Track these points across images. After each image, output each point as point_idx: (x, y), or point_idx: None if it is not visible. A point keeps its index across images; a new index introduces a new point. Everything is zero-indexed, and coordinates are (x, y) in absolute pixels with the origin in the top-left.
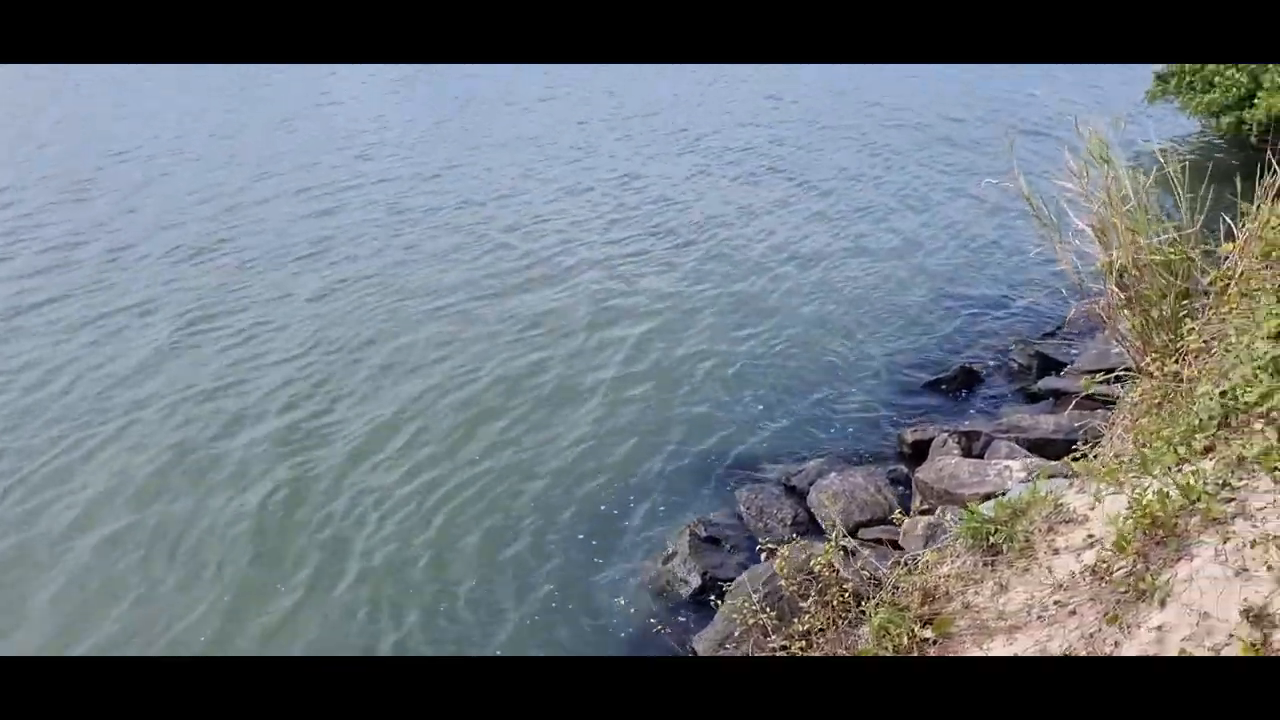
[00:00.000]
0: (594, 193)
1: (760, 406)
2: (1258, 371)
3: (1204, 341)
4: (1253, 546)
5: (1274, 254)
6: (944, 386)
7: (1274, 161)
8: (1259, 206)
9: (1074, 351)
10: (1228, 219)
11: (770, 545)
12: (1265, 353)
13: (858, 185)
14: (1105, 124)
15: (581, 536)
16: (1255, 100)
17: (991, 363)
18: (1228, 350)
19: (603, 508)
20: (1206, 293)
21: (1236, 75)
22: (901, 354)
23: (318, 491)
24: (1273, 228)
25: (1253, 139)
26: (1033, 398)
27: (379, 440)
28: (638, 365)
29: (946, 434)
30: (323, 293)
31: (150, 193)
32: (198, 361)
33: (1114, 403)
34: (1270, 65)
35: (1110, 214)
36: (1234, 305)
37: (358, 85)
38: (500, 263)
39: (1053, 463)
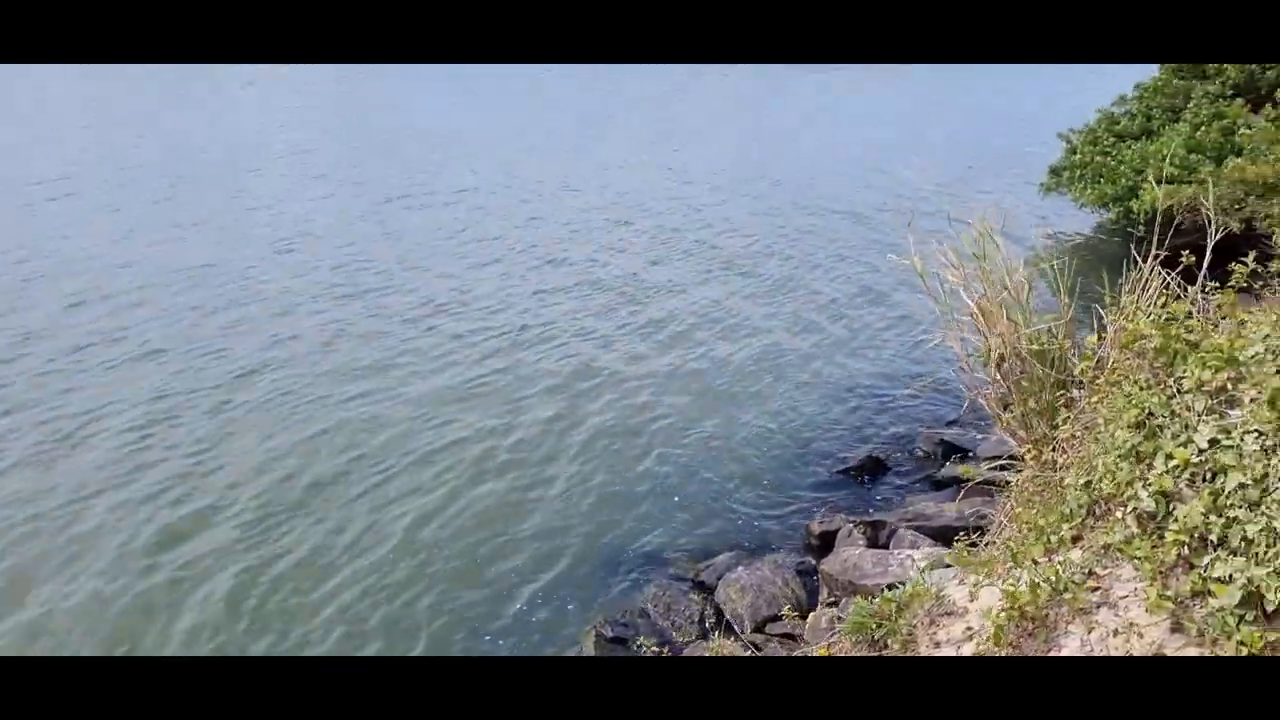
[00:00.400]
0: (495, 274)
1: (669, 499)
2: (1119, 460)
3: (1076, 431)
4: (1115, 635)
5: (1135, 344)
6: (852, 475)
7: (1136, 254)
8: (1123, 297)
9: (979, 437)
10: (1099, 309)
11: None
12: (1125, 441)
13: (764, 268)
14: (1000, 211)
15: (488, 637)
16: (1139, 193)
17: (898, 450)
18: (1096, 440)
19: (506, 607)
20: (1081, 383)
21: (1123, 169)
22: (811, 443)
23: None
24: (1136, 319)
25: (1140, 229)
26: (938, 485)
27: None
28: (538, 458)
29: (852, 524)
30: (243, 401)
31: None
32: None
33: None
34: (1152, 161)
35: (990, 303)
36: (1102, 395)
37: (278, 182)
38: (390, 353)
39: (946, 551)
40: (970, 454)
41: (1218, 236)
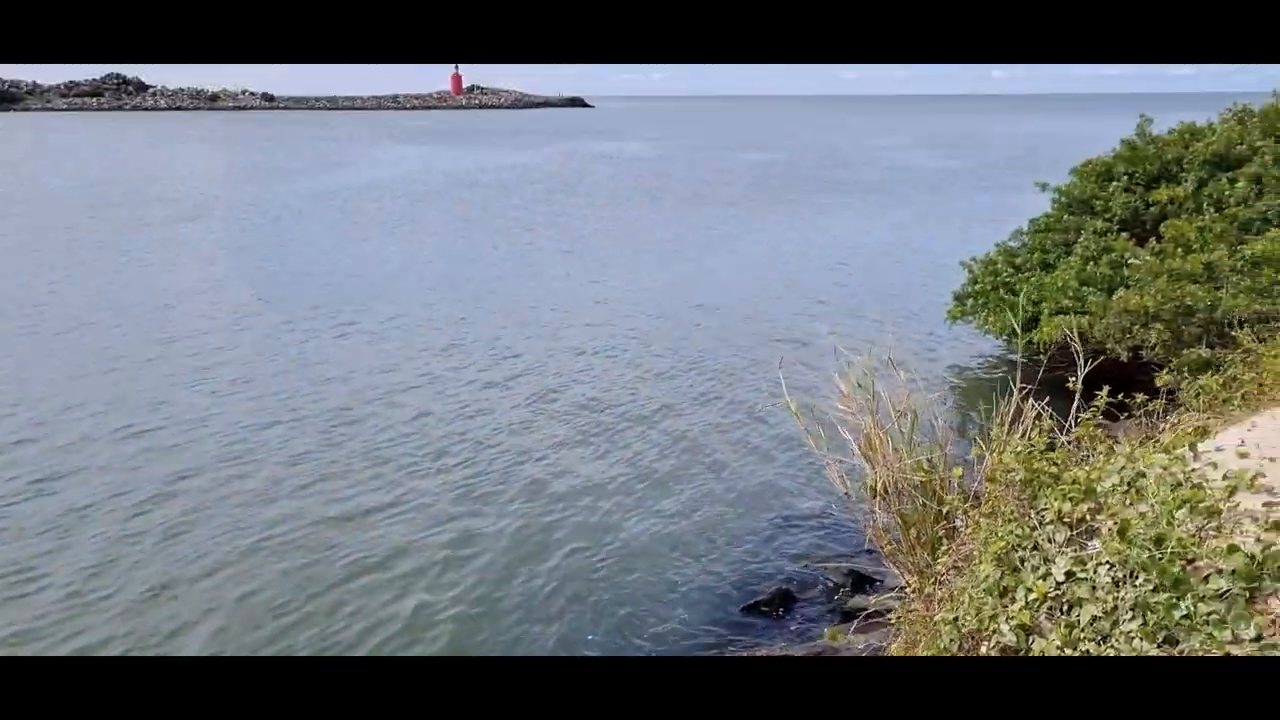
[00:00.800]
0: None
1: (579, 638)
2: (985, 594)
3: (954, 563)
4: None
5: (1007, 476)
6: (763, 609)
7: (1012, 385)
8: (994, 429)
9: (885, 567)
10: (980, 440)
11: None
12: (988, 575)
13: (662, 404)
14: (898, 341)
15: None
16: (1038, 323)
17: (808, 581)
18: (968, 572)
19: None
20: (965, 513)
21: (1021, 300)
22: (721, 577)
23: None
24: (1010, 451)
25: (1042, 359)
26: (846, 616)
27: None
28: (431, 606)
29: None
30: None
31: None
32: None
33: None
34: (1048, 294)
35: (875, 434)
36: (975, 527)
37: (204, 313)
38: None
39: None
40: (878, 583)
41: (1088, 366)
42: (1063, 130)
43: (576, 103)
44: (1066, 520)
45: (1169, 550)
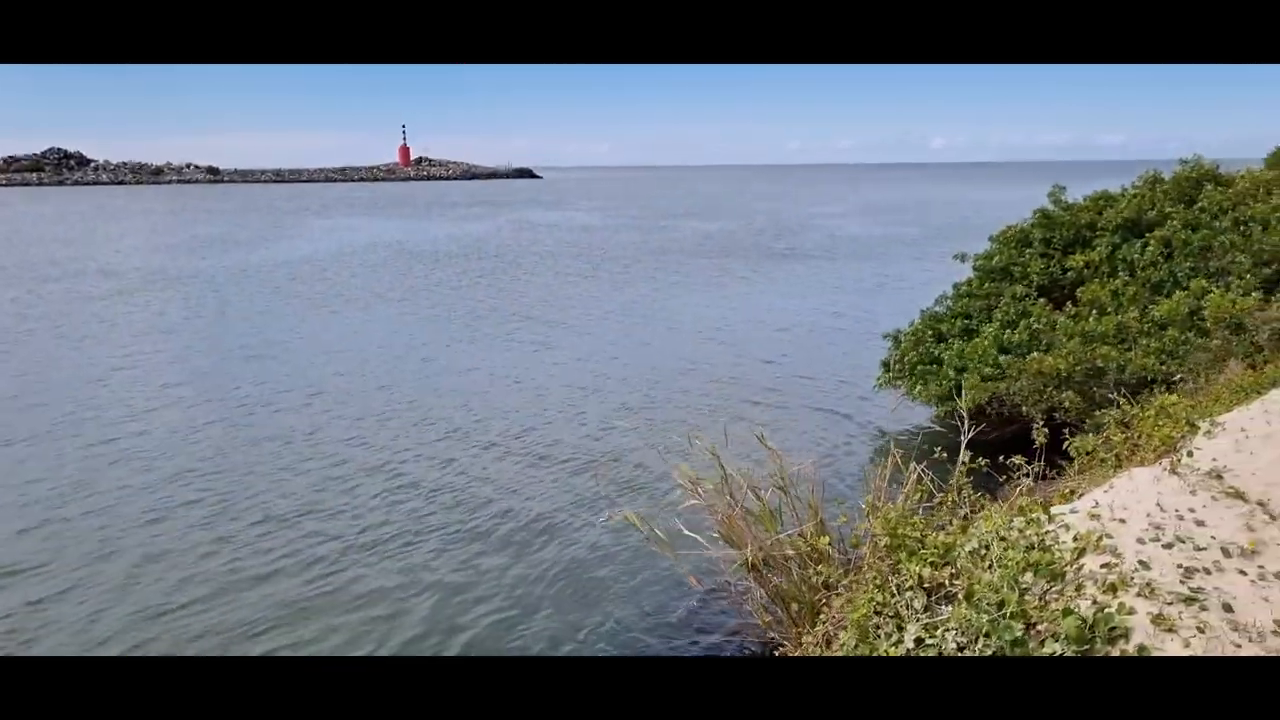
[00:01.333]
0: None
1: None
2: None
3: (826, 634)
4: None
5: (875, 542)
6: None
7: (894, 451)
8: (868, 498)
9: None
10: (865, 507)
11: None
12: (844, 644)
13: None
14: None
15: None
16: (961, 389)
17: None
18: (833, 642)
19: None
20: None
21: (945, 369)
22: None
23: None
24: (880, 518)
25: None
26: None
27: None
28: None
29: None
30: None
31: None
32: None
33: None
34: (971, 359)
35: (733, 517)
36: (847, 595)
37: (136, 390)
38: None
39: None
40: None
41: (1007, 430)
42: (998, 198)
43: (525, 173)
44: (926, 585)
45: (1008, 614)
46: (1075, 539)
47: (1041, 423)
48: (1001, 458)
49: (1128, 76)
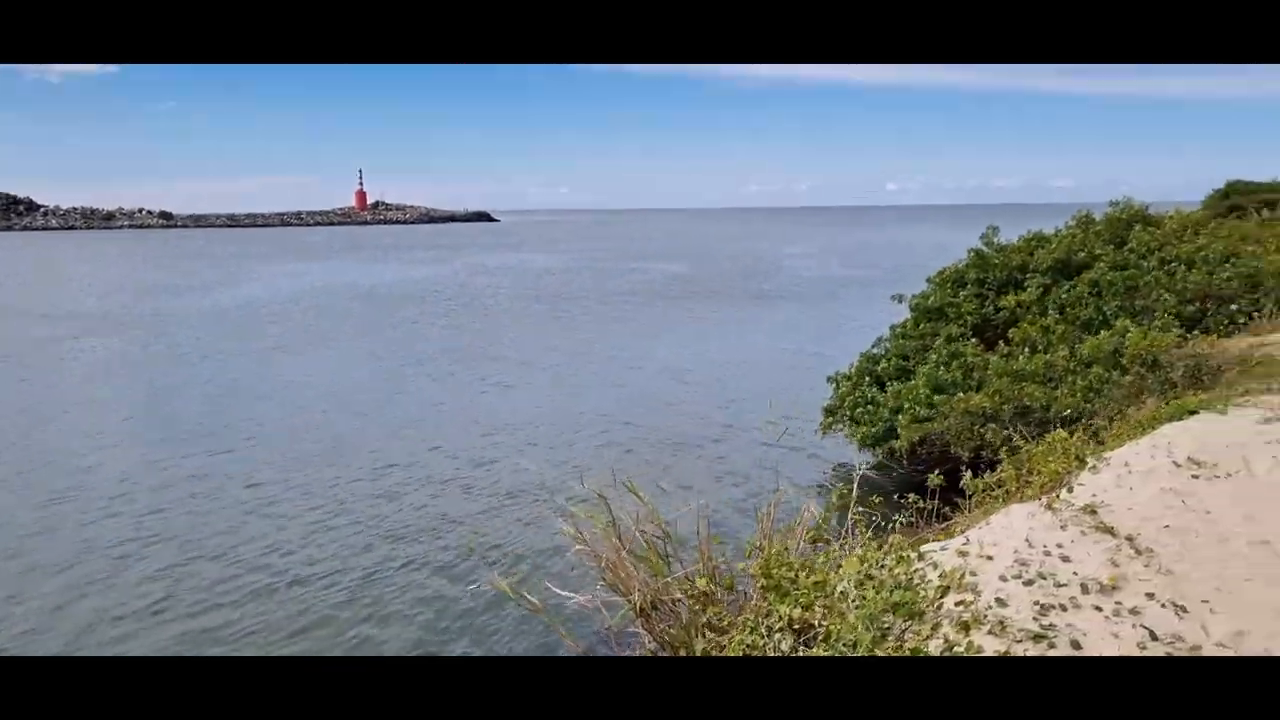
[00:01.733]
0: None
1: None
2: None
3: None
4: None
5: (754, 583)
6: None
7: (780, 487)
8: (751, 539)
9: None
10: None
11: None
12: None
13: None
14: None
15: None
16: (897, 431)
17: None
18: None
19: None
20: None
21: (881, 411)
22: None
23: None
24: (759, 560)
25: (896, 465)
26: None
27: None
28: None
29: None
30: None
31: None
32: None
33: None
34: (906, 403)
35: (619, 563)
36: (735, 636)
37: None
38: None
39: None
40: None
41: (940, 469)
42: (956, 239)
43: (482, 217)
44: (796, 626)
45: (861, 655)
46: (941, 577)
47: (967, 460)
48: (896, 496)
49: (1077, 121)
